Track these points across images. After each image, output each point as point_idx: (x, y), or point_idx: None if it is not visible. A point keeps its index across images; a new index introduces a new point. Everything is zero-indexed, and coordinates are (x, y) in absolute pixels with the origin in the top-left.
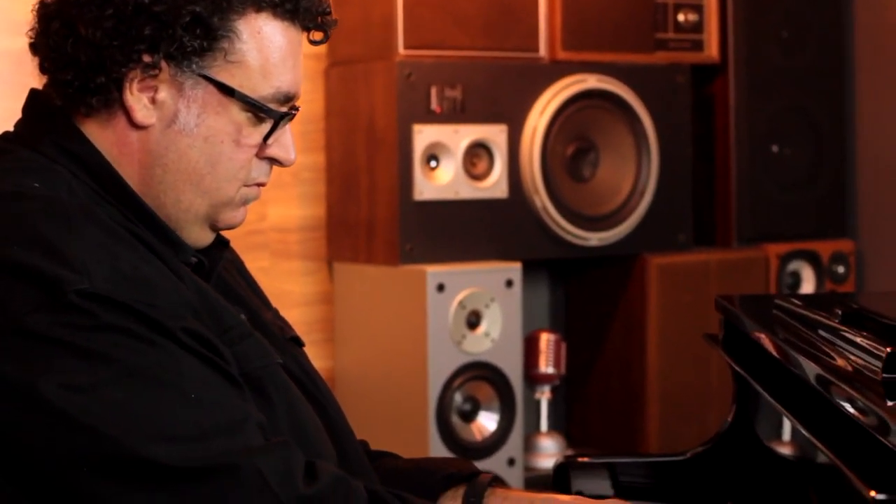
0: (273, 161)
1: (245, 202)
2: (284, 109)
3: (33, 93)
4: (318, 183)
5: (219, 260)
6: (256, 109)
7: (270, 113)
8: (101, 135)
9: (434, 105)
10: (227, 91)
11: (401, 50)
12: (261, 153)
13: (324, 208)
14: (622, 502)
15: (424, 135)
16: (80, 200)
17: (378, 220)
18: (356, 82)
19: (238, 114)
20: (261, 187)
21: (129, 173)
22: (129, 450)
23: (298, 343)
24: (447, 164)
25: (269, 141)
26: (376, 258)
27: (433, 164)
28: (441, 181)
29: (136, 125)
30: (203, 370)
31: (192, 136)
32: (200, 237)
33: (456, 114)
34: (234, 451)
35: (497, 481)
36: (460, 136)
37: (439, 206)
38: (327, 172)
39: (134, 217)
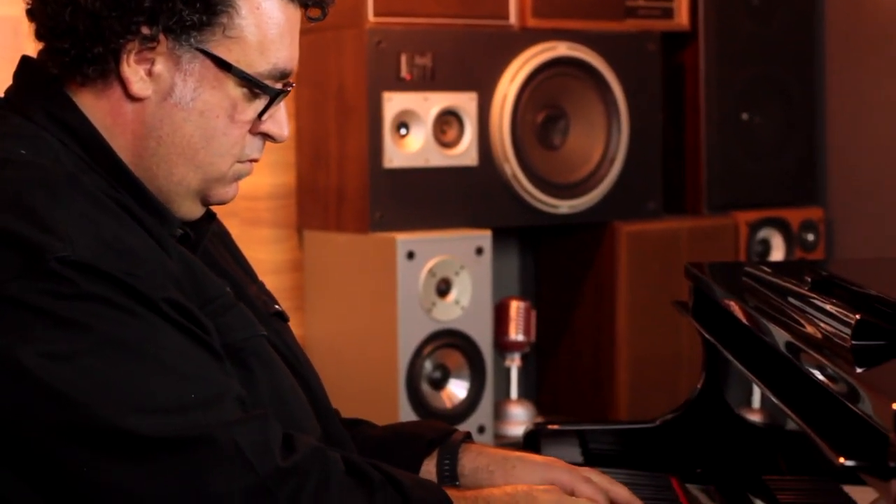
0: (266, 137)
1: (237, 178)
2: (280, 86)
3: (25, 59)
4: (287, 151)
5: (205, 233)
6: (252, 85)
7: (266, 89)
8: (96, 105)
9: (404, 72)
10: (224, 66)
11: (371, 17)
12: (254, 129)
13: (293, 176)
14: (596, 471)
15: (394, 102)
16: (67, 169)
17: (348, 188)
18: (326, 50)
19: (234, 89)
20: (253, 163)
21: (123, 144)
22: (105, 420)
23: (283, 318)
24: (417, 131)
25: (264, 117)
26: (346, 226)
27: (403, 131)
28: (411, 149)
29: (131, 97)
30: (183, 342)
31: (187, 110)
32: (191, 210)
33: (426, 81)
34: (211, 423)
35: (469, 438)
36: (430, 104)
37: (409, 174)
38: (297, 140)
39: (121, 187)
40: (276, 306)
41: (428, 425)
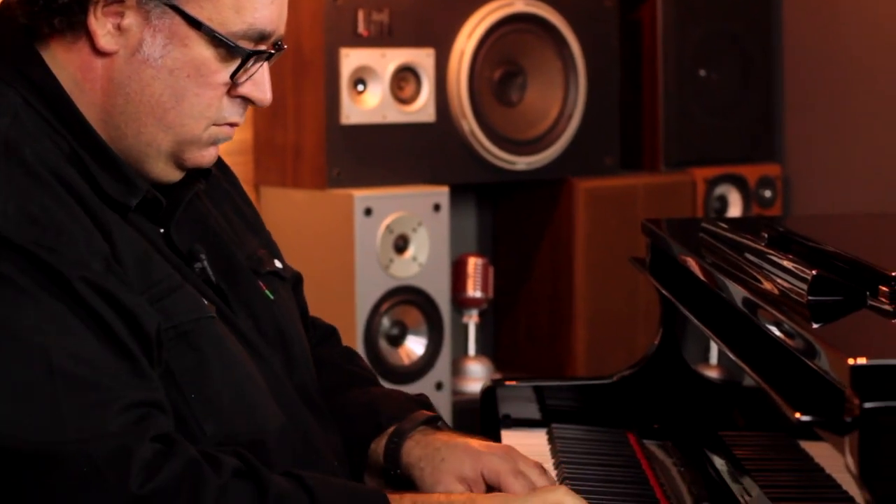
0: (247, 100)
1: (215, 142)
2: (261, 47)
3: None
4: None
5: (184, 198)
6: (223, 46)
7: (237, 50)
8: (66, 58)
9: (361, 29)
10: (193, 24)
11: None
12: (233, 91)
13: (250, 132)
14: (538, 468)
15: (351, 59)
16: (12, 134)
17: (305, 145)
18: None
19: (205, 49)
20: (234, 127)
21: (92, 100)
22: None
23: (280, 276)
24: (374, 88)
25: (241, 79)
26: (303, 182)
27: (360, 88)
28: (368, 105)
29: (99, 51)
30: (83, 338)
31: (156, 68)
32: (166, 173)
33: (383, 37)
34: (81, 438)
35: (428, 422)
36: (387, 60)
37: (366, 131)
38: None
39: (86, 148)
40: (277, 263)
41: (399, 400)
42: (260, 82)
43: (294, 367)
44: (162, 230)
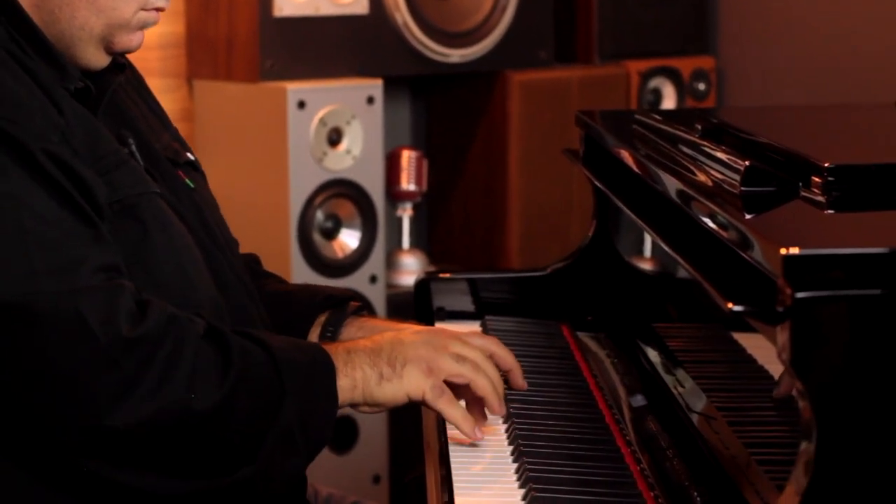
0: None
1: (143, 26)
2: None
3: None
4: None
5: (109, 85)
6: None
7: None
8: None
9: None
10: None
11: None
12: None
13: (183, 25)
14: (483, 336)
15: None
16: None
17: (238, 37)
18: None
19: None
20: (160, 12)
21: None
22: None
23: (195, 167)
24: None
25: None
26: (236, 75)
27: None
28: None
29: None
30: (50, 205)
31: None
32: (95, 58)
33: None
34: (58, 291)
35: (361, 311)
36: None
37: (300, 23)
38: None
39: (20, 35)
40: (189, 155)
41: (329, 290)
42: None
43: (220, 250)
44: None
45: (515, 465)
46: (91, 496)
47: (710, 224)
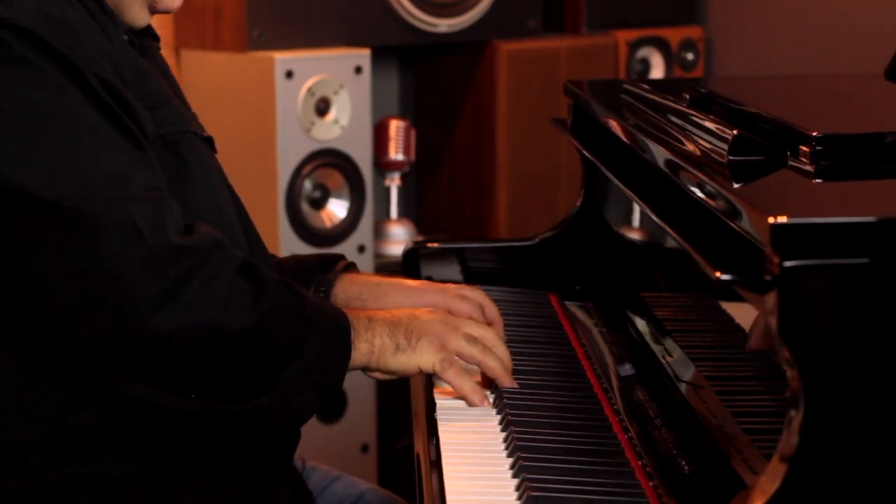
0: None
1: None
2: None
3: None
4: None
5: (148, 49)
6: None
7: None
8: None
9: None
10: None
11: None
12: None
13: None
14: (471, 287)
15: None
16: None
17: (225, 6)
18: None
19: None
20: None
21: None
22: (2, 175)
23: (210, 145)
24: None
25: None
26: (224, 45)
27: None
28: None
29: None
30: (103, 125)
31: None
32: (140, 16)
33: None
34: (107, 198)
35: (350, 268)
36: None
37: None
38: None
39: None
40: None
41: (318, 256)
42: None
43: (241, 212)
44: None
45: (504, 435)
46: (108, 406)
47: (698, 193)
